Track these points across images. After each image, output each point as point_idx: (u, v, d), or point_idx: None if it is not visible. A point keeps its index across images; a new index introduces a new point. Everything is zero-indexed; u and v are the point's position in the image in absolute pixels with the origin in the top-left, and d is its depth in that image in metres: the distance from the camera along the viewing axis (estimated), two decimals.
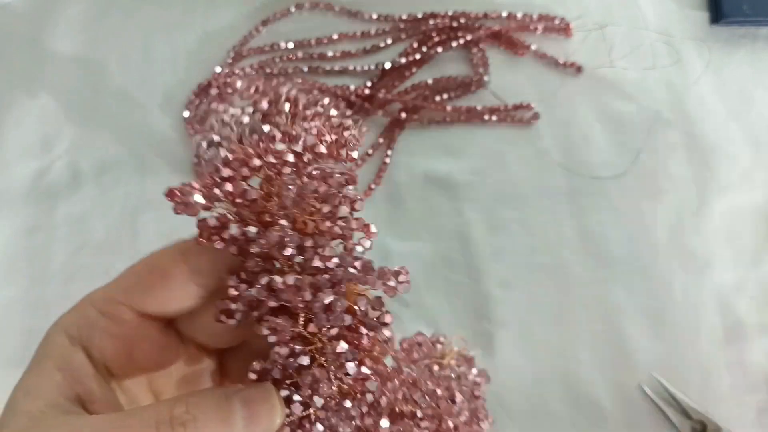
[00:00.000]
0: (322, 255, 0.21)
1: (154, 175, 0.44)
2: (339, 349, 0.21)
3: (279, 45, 0.46)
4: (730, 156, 0.43)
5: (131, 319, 0.22)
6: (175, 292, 0.22)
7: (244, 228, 0.21)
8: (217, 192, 0.21)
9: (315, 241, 0.21)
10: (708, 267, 0.41)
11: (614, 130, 0.43)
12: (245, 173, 0.22)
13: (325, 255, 0.21)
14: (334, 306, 0.21)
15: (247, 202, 0.21)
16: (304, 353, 0.21)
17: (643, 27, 0.45)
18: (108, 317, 0.22)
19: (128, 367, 0.23)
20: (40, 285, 0.43)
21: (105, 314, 0.22)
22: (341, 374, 0.21)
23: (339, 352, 0.21)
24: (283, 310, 0.21)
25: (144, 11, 0.47)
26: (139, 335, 0.23)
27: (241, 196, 0.21)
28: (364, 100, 0.44)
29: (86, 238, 0.43)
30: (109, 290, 0.23)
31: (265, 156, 0.22)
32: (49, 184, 0.44)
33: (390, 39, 0.46)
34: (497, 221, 0.42)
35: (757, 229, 0.42)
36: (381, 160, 0.43)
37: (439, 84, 0.45)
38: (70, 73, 0.46)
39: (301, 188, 0.21)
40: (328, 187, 0.22)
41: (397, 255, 0.42)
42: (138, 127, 0.45)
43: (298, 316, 0.21)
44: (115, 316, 0.22)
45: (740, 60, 0.44)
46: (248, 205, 0.22)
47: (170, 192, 0.21)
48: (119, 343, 0.23)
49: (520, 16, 0.45)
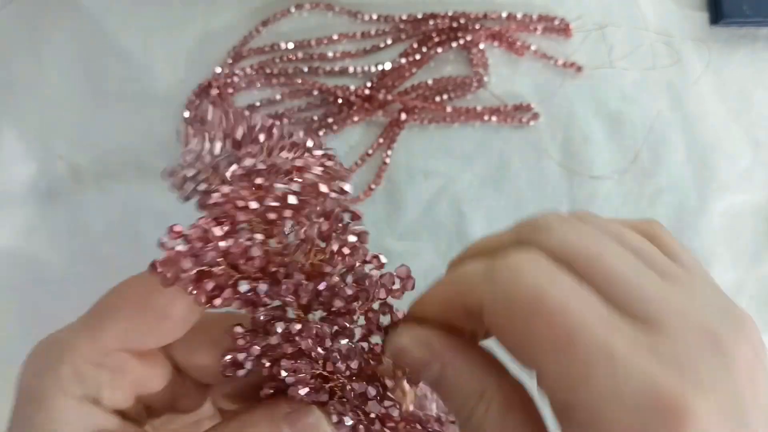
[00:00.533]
0: (342, 296, 0.20)
1: (155, 175, 0.44)
2: (359, 389, 0.21)
3: (279, 45, 0.46)
4: (730, 156, 0.43)
5: (133, 365, 0.20)
6: (175, 331, 0.20)
7: (254, 285, 0.20)
8: (211, 253, 0.19)
9: (329, 284, 0.20)
10: (708, 267, 0.41)
11: (614, 130, 0.43)
12: (240, 218, 0.20)
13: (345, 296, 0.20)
14: (349, 350, 0.20)
15: (250, 258, 0.20)
16: (324, 391, 0.21)
17: (642, 27, 0.45)
18: (109, 370, 0.20)
19: (141, 414, 0.22)
20: (40, 286, 0.43)
21: (104, 368, 0.20)
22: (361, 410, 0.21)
23: (360, 391, 0.21)
24: (300, 351, 0.21)
25: (144, 11, 0.47)
26: (146, 376, 0.21)
27: (242, 256, 0.20)
28: (364, 100, 0.44)
29: (86, 238, 0.43)
30: (99, 339, 0.20)
31: (262, 200, 0.20)
32: (48, 185, 0.44)
33: (390, 39, 0.46)
34: (497, 221, 0.42)
35: (756, 229, 0.42)
36: (381, 160, 0.43)
37: (439, 84, 0.45)
38: (70, 73, 0.46)
39: (305, 233, 0.20)
40: (332, 226, 0.21)
41: (397, 255, 0.42)
42: (138, 128, 0.45)
43: (316, 359, 0.21)
44: (116, 366, 0.20)
45: (740, 60, 0.44)
46: (249, 261, 0.20)
47: (153, 267, 0.19)
48: (128, 392, 0.21)
49: (519, 16, 0.45)
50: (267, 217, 0.20)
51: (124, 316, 0.20)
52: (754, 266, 0.42)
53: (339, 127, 0.44)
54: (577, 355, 0.16)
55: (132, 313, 0.20)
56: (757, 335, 0.17)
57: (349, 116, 0.44)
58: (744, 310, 0.18)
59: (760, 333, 0.17)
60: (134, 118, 0.45)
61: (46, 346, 0.20)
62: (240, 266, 0.20)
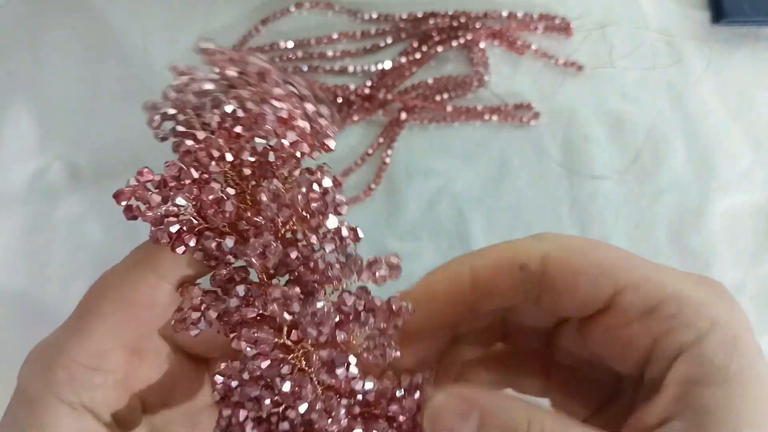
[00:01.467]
0: (309, 266, 0.19)
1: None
2: (327, 357, 0.19)
3: (279, 44, 0.45)
4: (731, 156, 0.43)
5: (127, 362, 0.20)
6: (165, 315, 0.20)
7: (219, 239, 0.19)
8: (181, 199, 0.19)
9: (300, 252, 0.19)
10: (708, 266, 0.41)
11: (614, 129, 0.43)
12: (213, 169, 0.19)
13: (314, 267, 0.19)
14: (324, 314, 0.19)
15: (221, 212, 0.19)
16: (287, 363, 0.19)
17: (643, 27, 0.45)
18: (101, 372, 0.20)
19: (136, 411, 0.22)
20: (39, 285, 0.43)
21: (97, 370, 0.20)
22: (324, 377, 0.20)
23: (328, 359, 0.19)
24: (262, 318, 0.20)
25: (144, 10, 0.47)
26: (141, 369, 0.21)
27: (214, 205, 0.19)
28: (364, 99, 0.44)
29: (85, 238, 0.43)
30: (90, 342, 0.19)
31: (240, 152, 0.19)
32: (48, 185, 0.44)
33: (390, 38, 0.46)
34: (497, 221, 0.42)
35: (756, 228, 0.42)
36: (381, 160, 0.43)
37: (439, 83, 0.45)
38: (70, 72, 0.46)
39: (281, 197, 0.19)
40: (313, 196, 0.19)
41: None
42: (137, 127, 0.45)
43: (280, 326, 0.19)
44: (108, 369, 0.20)
45: (741, 60, 0.44)
46: (220, 213, 0.19)
47: (118, 194, 0.18)
48: (122, 391, 0.21)
49: (520, 15, 0.45)
50: (242, 172, 0.20)
51: (110, 313, 0.19)
52: (754, 266, 0.42)
53: (339, 127, 0.44)
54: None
55: (117, 309, 0.19)
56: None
57: (349, 115, 0.44)
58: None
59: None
60: (134, 118, 0.45)
61: (41, 350, 0.20)
62: (209, 217, 0.19)
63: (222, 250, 0.19)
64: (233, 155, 0.19)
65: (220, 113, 0.19)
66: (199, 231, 0.19)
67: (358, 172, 0.44)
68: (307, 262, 0.19)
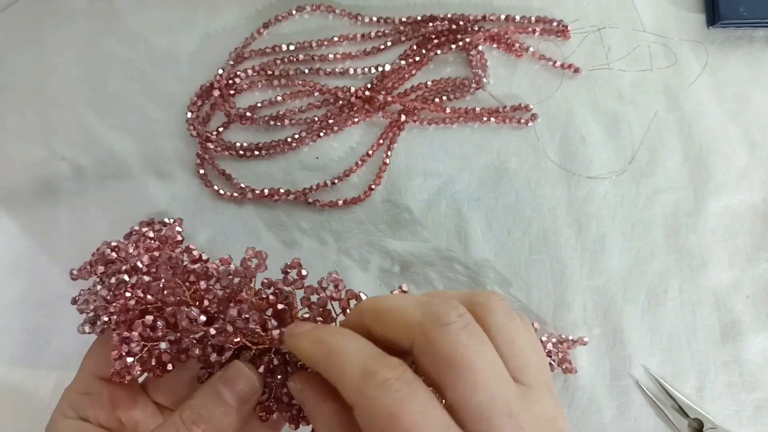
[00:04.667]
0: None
1: (157, 175, 0.45)
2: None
3: (280, 47, 0.46)
4: (727, 156, 0.43)
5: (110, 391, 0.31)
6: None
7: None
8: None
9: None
10: (704, 266, 0.42)
11: (611, 130, 0.44)
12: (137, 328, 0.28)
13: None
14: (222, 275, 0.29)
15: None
16: (228, 347, 0.29)
17: (640, 29, 0.45)
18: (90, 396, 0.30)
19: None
20: (42, 285, 0.44)
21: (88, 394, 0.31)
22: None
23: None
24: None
25: (146, 12, 0.47)
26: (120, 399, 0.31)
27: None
28: (364, 101, 0.44)
29: (88, 238, 0.43)
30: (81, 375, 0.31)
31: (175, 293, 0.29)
32: (51, 185, 0.45)
33: (390, 41, 0.46)
34: (496, 221, 0.43)
35: (752, 228, 0.42)
36: (381, 161, 0.44)
37: (438, 85, 0.45)
38: (73, 74, 0.47)
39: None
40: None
41: (397, 255, 0.43)
42: (140, 128, 0.46)
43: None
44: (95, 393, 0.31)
45: (737, 62, 0.45)
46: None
47: (114, 375, 0.28)
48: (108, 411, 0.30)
49: (518, 18, 0.45)
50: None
51: (93, 356, 0.31)
52: (750, 265, 0.42)
53: (339, 128, 0.45)
54: None
55: (97, 352, 0.31)
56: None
57: (349, 117, 0.45)
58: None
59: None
60: (136, 119, 0.46)
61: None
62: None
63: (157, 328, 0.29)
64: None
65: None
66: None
67: (358, 172, 0.44)
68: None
